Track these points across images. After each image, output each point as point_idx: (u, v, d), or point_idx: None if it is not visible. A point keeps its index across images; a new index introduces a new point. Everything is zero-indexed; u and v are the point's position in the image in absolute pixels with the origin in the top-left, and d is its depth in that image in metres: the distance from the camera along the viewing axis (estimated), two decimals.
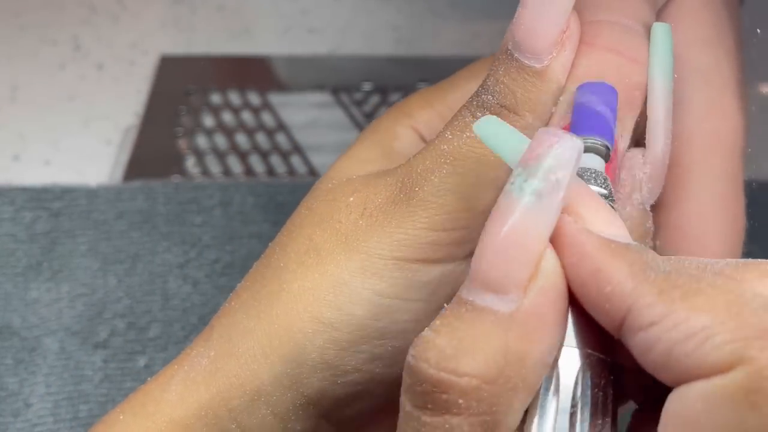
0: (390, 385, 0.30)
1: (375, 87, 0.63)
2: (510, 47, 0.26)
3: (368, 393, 0.29)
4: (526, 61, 0.26)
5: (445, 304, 0.22)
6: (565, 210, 0.22)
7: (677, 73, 0.31)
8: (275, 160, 0.58)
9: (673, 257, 0.22)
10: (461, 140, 0.27)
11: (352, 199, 0.29)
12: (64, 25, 0.68)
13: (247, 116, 0.62)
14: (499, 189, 0.27)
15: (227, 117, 0.62)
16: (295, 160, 0.58)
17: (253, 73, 0.65)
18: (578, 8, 0.27)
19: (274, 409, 0.29)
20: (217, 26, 0.69)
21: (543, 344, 0.21)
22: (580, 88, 0.26)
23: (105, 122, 0.61)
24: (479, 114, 0.27)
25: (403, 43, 0.67)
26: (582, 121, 0.25)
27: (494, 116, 0.24)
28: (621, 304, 0.21)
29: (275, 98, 0.63)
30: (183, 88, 0.63)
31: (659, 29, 0.27)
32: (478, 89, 0.28)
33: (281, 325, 0.28)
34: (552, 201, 0.21)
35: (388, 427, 0.33)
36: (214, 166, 0.58)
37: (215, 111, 0.62)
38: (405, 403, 0.22)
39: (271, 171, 0.58)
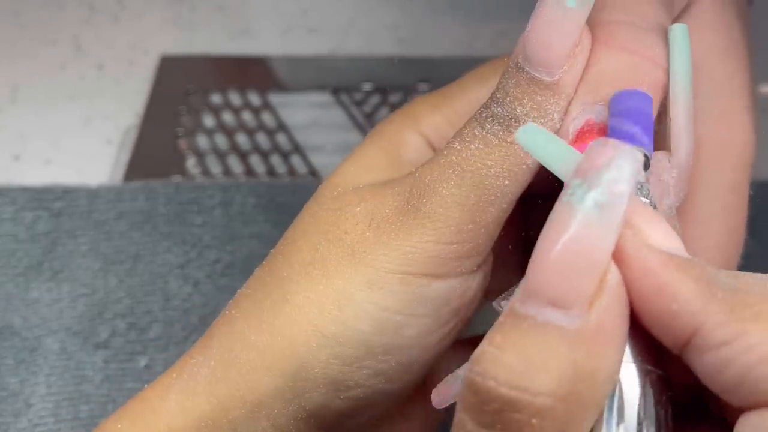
0: (390, 399, 0.30)
1: (375, 87, 0.63)
2: (520, 60, 0.26)
3: (369, 406, 0.29)
4: (537, 75, 0.26)
5: (502, 318, 0.21)
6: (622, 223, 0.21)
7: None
8: (276, 161, 0.58)
9: (730, 272, 0.22)
10: (469, 152, 0.27)
11: (359, 209, 0.29)
12: (64, 25, 0.68)
13: (247, 116, 0.62)
14: (506, 202, 0.27)
15: (227, 117, 0.61)
16: (296, 161, 0.58)
17: (253, 73, 0.65)
18: (594, 9, 0.26)
19: (275, 422, 0.28)
20: (218, 26, 0.69)
21: (610, 360, 0.21)
22: (616, 96, 0.25)
23: (105, 122, 0.61)
24: (488, 126, 0.27)
25: (403, 43, 0.67)
26: (621, 130, 0.24)
27: (535, 124, 0.24)
28: (689, 322, 0.21)
29: (275, 98, 0.63)
30: (183, 88, 0.63)
31: (677, 31, 0.27)
32: (487, 101, 0.27)
33: (284, 338, 0.28)
34: (615, 213, 0.20)
35: None
36: (215, 167, 0.58)
37: (215, 111, 0.62)
38: (466, 422, 0.21)
39: (271, 171, 0.58)
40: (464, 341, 0.33)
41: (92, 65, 0.65)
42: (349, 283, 0.28)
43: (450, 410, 0.34)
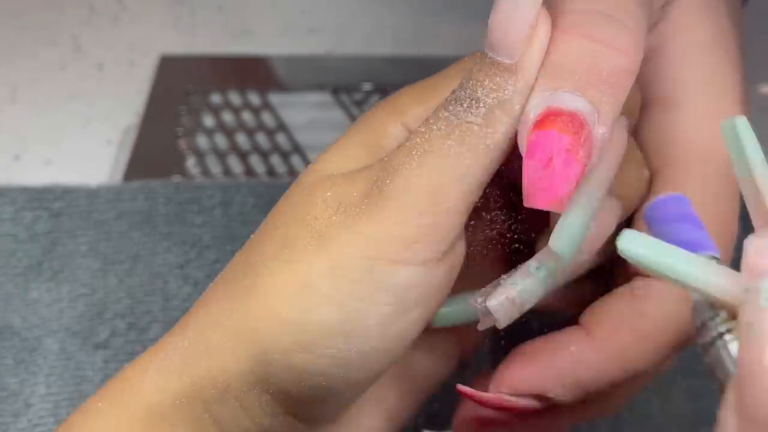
0: (355, 387, 0.30)
1: (375, 87, 0.63)
2: (486, 48, 0.27)
3: (332, 395, 0.29)
4: (498, 58, 0.27)
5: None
6: None
7: (679, 76, 0.31)
8: (275, 161, 0.58)
9: None
10: (432, 133, 0.27)
11: (329, 194, 0.29)
12: (64, 26, 0.68)
13: (247, 116, 0.62)
14: (467, 183, 0.27)
15: (227, 117, 0.62)
16: (296, 161, 0.58)
17: (253, 73, 0.65)
18: None
19: (243, 404, 0.29)
20: (217, 26, 0.69)
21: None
22: (653, 206, 0.25)
23: (105, 122, 0.61)
24: (451, 108, 0.27)
25: (403, 43, 0.67)
26: (683, 241, 0.24)
27: (635, 231, 0.23)
28: None
29: (275, 98, 0.63)
30: (183, 88, 0.63)
31: (739, 124, 0.25)
32: (455, 87, 0.28)
33: (249, 323, 0.28)
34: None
35: (361, 422, 0.33)
36: (215, 167, 0.58)
37: (215, 111, 0.62)
38: None
39: (271, 171, 0.58)
40: (433, 330, 0.33)
41: (92, 65, 0.65)
42: (313, 269, 0.28)
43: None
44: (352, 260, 0.27)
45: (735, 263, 0.31)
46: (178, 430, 0.29)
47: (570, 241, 0.27)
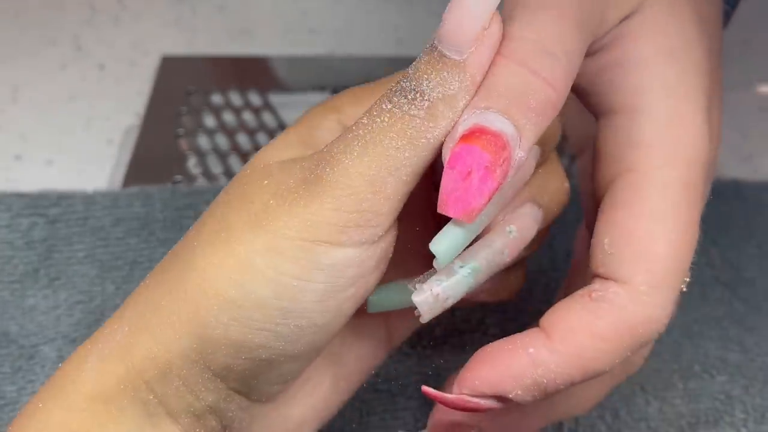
0: (294, 361, 0.31)
1: None
2: (435, 41, 0.28)
3: (275, 367, 0.30)
4: (447, 53, 0.27)
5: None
6: None
7: (639, 84, 0.31)
8: None
9: None
10: (375, 125, 0.28)
11: (266, 182, 0.30)
12: (65, 25, 0.68)
13: (248, 117, 0.62)
14: (406, 175, 0.28)
15: (228, 117, 0.61)
16: None
17: (253, 74, 0.65)
18: (508, 21, 0.28)
19: (185, 381, 0.30)
20: (218, 27, 0.69)
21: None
22: None
23: (106, 122, 0.61)
24: (395, 99, 0.28)
25: (403, 44, 0.67)
26: None
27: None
28: None
29: (276, 98, 0.63)
30: (184, 89, 0.63)
31: None
32: (400, 77, 0.29)
33: (189, 302, 0.29)
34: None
35: (302, 396, 0.35)
36: (216, 167, 0.58)
37: (216, 111, 0.62)
38: None
39: None
40: (366, 317, 0.35)
41: (93, 65, 0.65)
42: (250, 248, 0.28)
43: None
44: (287, 241, 0.28)
45: (694, 271, 0.32)
46: (126, 413, 0.30)
47: (448, 249, 0.29)
